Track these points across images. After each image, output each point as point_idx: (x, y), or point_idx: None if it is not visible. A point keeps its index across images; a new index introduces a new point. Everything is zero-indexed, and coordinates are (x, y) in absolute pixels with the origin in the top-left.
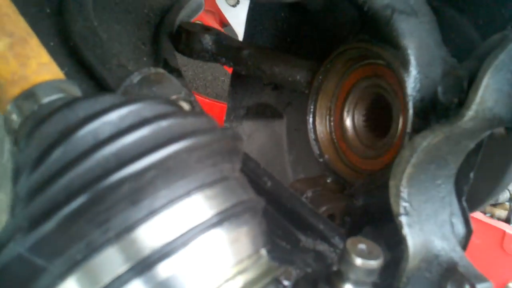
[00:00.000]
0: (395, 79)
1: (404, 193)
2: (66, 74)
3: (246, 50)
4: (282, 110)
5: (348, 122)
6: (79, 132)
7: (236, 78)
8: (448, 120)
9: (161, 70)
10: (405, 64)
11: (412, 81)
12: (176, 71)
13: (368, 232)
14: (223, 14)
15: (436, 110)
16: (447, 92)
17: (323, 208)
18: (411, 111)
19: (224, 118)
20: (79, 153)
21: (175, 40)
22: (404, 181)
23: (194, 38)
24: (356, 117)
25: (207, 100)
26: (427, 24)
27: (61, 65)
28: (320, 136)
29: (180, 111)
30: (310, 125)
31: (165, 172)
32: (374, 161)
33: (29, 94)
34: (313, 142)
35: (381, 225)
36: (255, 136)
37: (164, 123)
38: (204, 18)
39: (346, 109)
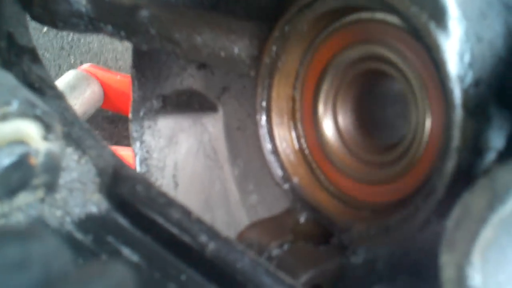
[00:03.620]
0: (413, 47)
1: (476, 279)
2: None
3: (145, 10)
4: (216, 99)
5: (326, 121)
6: None
7: (140, 55)
8: None
9: None
10: (439, 15)
11: (456, 48)
12: (28, 53)
13: None
14: None
15: (503, 101)
16: None
17: (303, 278)
18: (458, 106)
19: (130, 116)
20: None
21: (26, 0)
22: (475, 257)
23: None
24: (340, 113)
25: (119, 76)
26: None
27: None
28: (282, 146)
29: None
30: (264, 129)
31: None
32: (380, 189)
33: None
34: (270, 157)
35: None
36: (179, 140)
37: None
38: None
39: (321, 100)
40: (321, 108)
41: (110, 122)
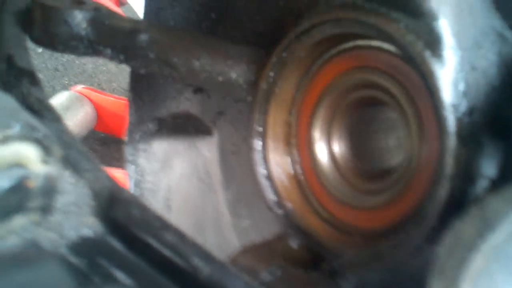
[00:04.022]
0: (409, 75)
1: None
2: None
3: (144, 34)
4: (211, 123)
5: (321, 147)
6: None
7: (137, 78)
8: None
9: None
10: (434, 44)
11: (451, 76)
12: (28, 75)
13: None
14: None
15: (496, 129)
16: None
17: None
18: (452, 134)
19: (125, 138)
20: None
21: (27, 23)
22: (465, 285)
23: (56, 17)
24: (335, 139)
25: (111, 98)
26: None
27: None
28: (276, 172)
29: None
30: (259, 154)
31: None
32: (373, 215)
33: None
34: (264, 182)
35: None
36: (174, 164)
37: None
38: None
39: (317, 126)
40: (316, 134)
41: (102, 144)
